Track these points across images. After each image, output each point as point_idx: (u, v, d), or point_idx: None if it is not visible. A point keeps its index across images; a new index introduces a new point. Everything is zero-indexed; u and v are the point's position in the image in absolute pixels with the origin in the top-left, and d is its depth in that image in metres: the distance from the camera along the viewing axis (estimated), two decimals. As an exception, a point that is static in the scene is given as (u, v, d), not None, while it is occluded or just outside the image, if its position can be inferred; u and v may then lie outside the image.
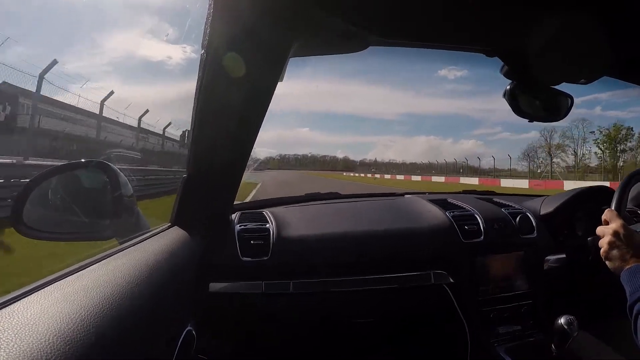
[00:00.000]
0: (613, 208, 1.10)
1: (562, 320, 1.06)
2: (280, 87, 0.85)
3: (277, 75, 0.81)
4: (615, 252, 0.91)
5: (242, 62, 0.75)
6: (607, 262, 0.94)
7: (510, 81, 0.93)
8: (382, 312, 1.30)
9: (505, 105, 0.94)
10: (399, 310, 1.31)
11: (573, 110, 1.01)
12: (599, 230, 0.98)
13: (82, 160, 0.92)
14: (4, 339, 0.38)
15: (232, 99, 0.83)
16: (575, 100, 0.99)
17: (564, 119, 1.02)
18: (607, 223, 0.97)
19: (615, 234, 0.92)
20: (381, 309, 1.29)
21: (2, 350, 0.37)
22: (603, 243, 0.94)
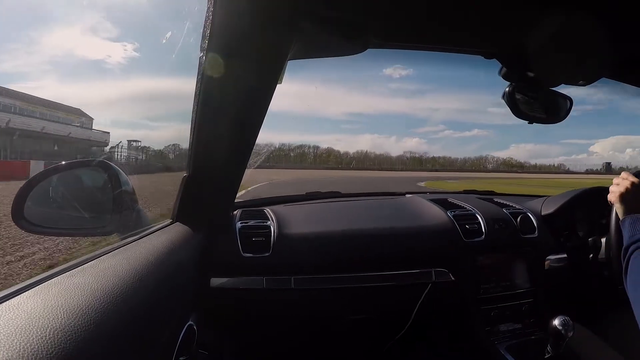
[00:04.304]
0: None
1: (556, 322, 1.06)
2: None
3: (276, 77, 0.81)
4: (627, 198, 0.97)
5: (241, 64, 0.76)
6: (616, 205, 1.00)
7: (508, 83, 0.93)
8: (383, 309, 1.31)
9: (449, 104, 0.94)
10: (399, 308, 1.32)
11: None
12: (617, 179, 1.03)
13: (84, 159, 0.93)
14: (4, 333, 0.38)
15: (231, 101, 0.84)
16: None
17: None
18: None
19: (633, 184, 0.98)
20: (382, 306, 1.30)
21: (3, 345, 0.36)
22: (620, 187, 0.99)
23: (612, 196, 1.00)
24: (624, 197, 0.97)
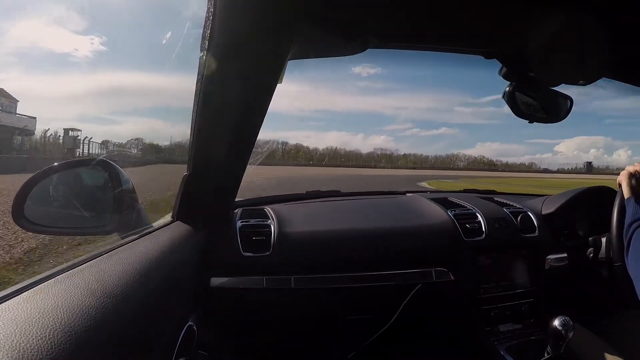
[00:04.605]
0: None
1: (556, 322, 1.06)
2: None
3: (276, 77, 0.81)
4: (635, 178, 1.04)
5: (241, 64, 0.75)
6: (623, 183, 1.06)
7: (508, 82, 0.93)
8: (382, 308, 1.31)
9: (417, 103, 0.94)
10: (399, 307, 1.32)
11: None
12: (629, 167, 1.10)
13: (84, 158, 0.93)
14: (4, 333, 0.38)
15: (231, 100, 0.84)
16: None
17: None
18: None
19: None
20: (382, 305, 1.30)
21: (3, 345, 0.36)
22: (630, 169, 1.07)
23: (622, 176, 1.07)
24: (632, 177, 1.04)
